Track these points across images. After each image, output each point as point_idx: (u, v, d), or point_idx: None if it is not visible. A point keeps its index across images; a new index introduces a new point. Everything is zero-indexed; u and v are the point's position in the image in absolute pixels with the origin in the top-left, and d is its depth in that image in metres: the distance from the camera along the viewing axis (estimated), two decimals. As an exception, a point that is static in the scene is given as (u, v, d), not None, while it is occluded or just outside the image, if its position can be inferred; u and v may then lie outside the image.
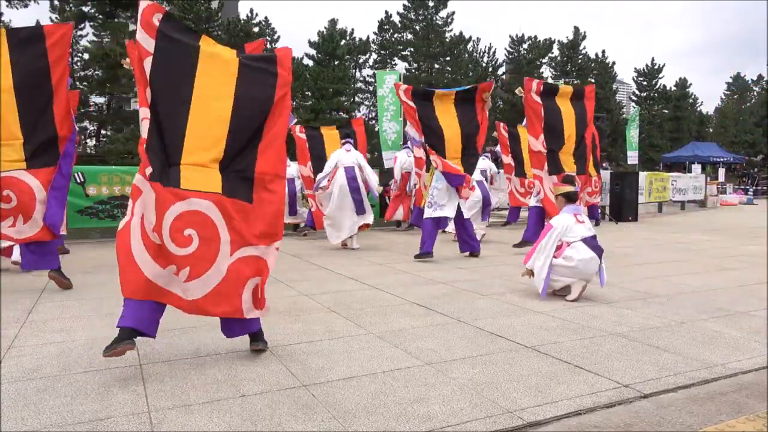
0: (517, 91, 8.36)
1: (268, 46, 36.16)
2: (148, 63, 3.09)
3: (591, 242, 4.95)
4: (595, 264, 4.91)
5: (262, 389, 2.91)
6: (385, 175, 12.20)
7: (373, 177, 8.33)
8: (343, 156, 8.24)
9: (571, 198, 5.19)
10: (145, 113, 3.15)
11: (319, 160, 9.70)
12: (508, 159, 11.88)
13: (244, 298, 3.26)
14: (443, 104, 7.20)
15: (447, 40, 37.19)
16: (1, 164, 5.04)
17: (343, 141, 8.51)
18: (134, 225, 3.12)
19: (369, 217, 8.28)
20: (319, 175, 8.34)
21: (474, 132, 7.30)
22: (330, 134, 10.12)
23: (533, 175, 8.21)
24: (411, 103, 7.05)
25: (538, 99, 7.80)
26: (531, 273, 5.09)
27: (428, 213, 7.38)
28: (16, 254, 6.28)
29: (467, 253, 7.72)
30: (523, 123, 9.07)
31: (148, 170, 3.10)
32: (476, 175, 9.61)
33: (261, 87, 3.30)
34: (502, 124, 12.28)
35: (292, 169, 10.17)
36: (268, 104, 3.29)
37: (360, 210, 8.14)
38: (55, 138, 5.22)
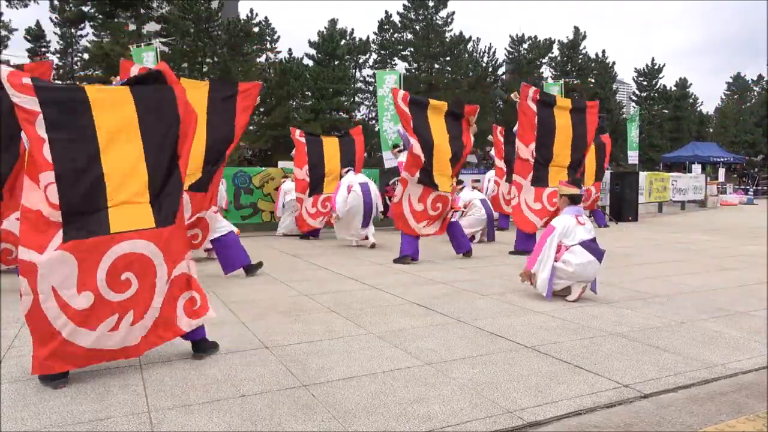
0: (513, 96, 8.33)
1: (269, 45, 36.22)
2: (39, 121, 2.91)
3: (590, 245, 4.93)
4: (594, 267, 4.91)
5: (262, 389, 2.91)
6: (386, 175, 12.21)
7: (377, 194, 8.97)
8: (352, 178, 8.72)
9: (574, 200, 5.19)
10: (47, 178, 2.90)
11: (315, 166, 9.76)
12: (500, 163, 11.78)
13: (179, 315, 3.31)
14: (436, 116, 7.20)
15: (447, 40, 37.17)
16: None
17: (346, 170, 9.03)
18: (43, 301, 2.88)
19: (370, 233, 8.73)
20: (338, 200, 8.55)
21: (459, 152, 7.32)
22: (329, 141, 10.15)
23: (513, 181, 8.14)
24: (407, 112, 7.03)
25: (533, 107, 7.76)
26: (531, 279, 5.08)
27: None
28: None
29: (461, 255, 7.70)
30: (514, 128, 9.02)
31: (56, 241, 2.88)
32: (478, 194, 9.73)
33: (163, 112, 3.27)
34: (499, 128, 12.24)
35: (289, 185, 10.28)
36: (175, 127, 3.27)
37: (365, 224, 8.57)
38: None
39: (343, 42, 35.50)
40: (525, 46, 40.69)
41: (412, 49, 36.98)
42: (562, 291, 5.00)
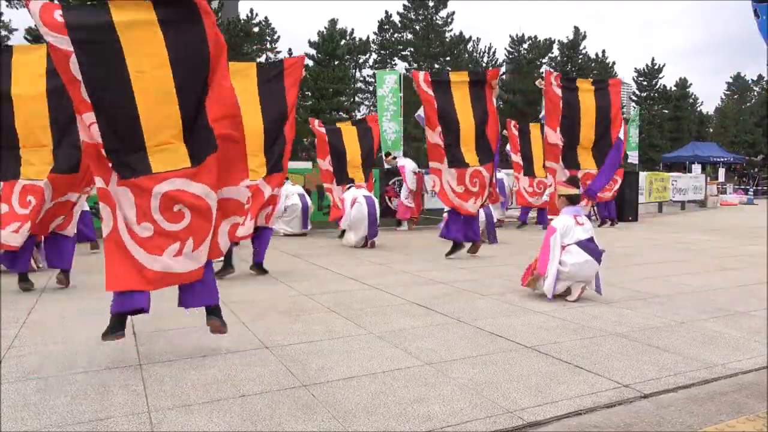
0: (537, 83, 8.41)
1: (269, 46, 36.22)
2: (73, 61, 2.95)
3: (587, 245, 4.93)
4: (592, 267, 4.90)
5: (262, 389, 2.91)
6: (386, 176, 12.19)
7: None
8: (355, 191, 8.99)
9: (572, 200, 5.19)
10: (89, 118, 3.03)
11: (338, 155, 9.78)
12: (517, 158, 11.82)
13: (221, 243, 3.44)
14: (459, 91, 7.26)
15: (447, 40, 37.18)
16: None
17: (347, 186, 9.32)
18: (121, 229, 3.16)
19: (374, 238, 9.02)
20: (344, 216, 8.93)
21: (484, 121, 7.38)
22: (347, 129, 10.15)
23: (547, 168, 8.23)
24: (430, 92, 7.10)
25: (558, 92, 7.83)
26: (534, 283, 5.07)
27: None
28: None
29: (469, 246, 7.72)
30: (540, 115, 9.11)
31: (114, 177, 3.11)
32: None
33: (193, 45, 3.17)
34: (513, 122, 12.23)
35: (298, 188, 10.32)
36: (206, 62, 3.20)
37: (372, 233, 8.78)
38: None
39: (343, 42, 35.50)
40: (525, 46, 40.69)
41: (412, 49, 36.98)
42: (563, 292, 5.00)
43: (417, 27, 37.23)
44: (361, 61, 37.72)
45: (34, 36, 30.96)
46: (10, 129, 5.20)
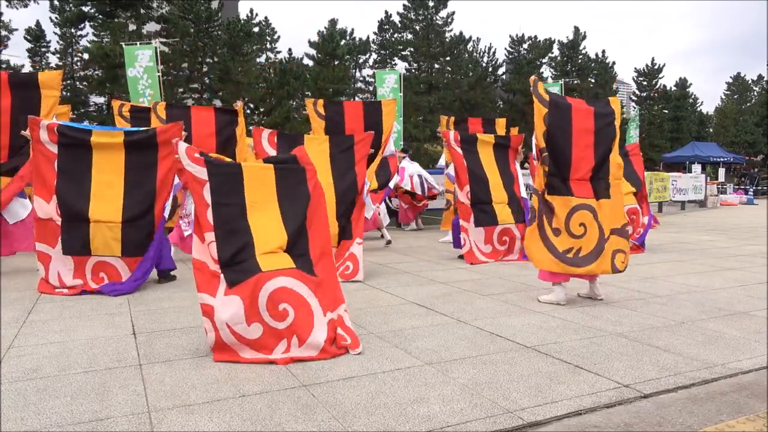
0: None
1: (269, 45, 36.19)
2: (206, 189, 3.60)
3: None
4: None
5: (262, 389, 2.91)
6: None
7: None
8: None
9: None
10: (209, 237, 3.54)
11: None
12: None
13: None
14: (485, 150, 7.51)
15: (447, 40, 37.14)
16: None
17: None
18: (225, 336, 3.37)
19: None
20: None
21: (510, 180, 7.59)
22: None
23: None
24: (459, 150, 7.32)
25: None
26: None
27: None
28: None
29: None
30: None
31: (222, 287, 3.42)
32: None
33: (298, 189, 3.84)
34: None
35: None
36: (305, 199, 3.83)
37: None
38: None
39: (343, 42, 35.47)
40: (525, 46, 40.65)
41: (412, 49, 36.95)
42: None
43: (417, 27, 37.19)
44: (361, 61, 37.71)
45: (34, 36, 30.95)
46: (83, 206, 5.41)
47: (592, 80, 40.42)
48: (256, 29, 33.22)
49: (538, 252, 4.86)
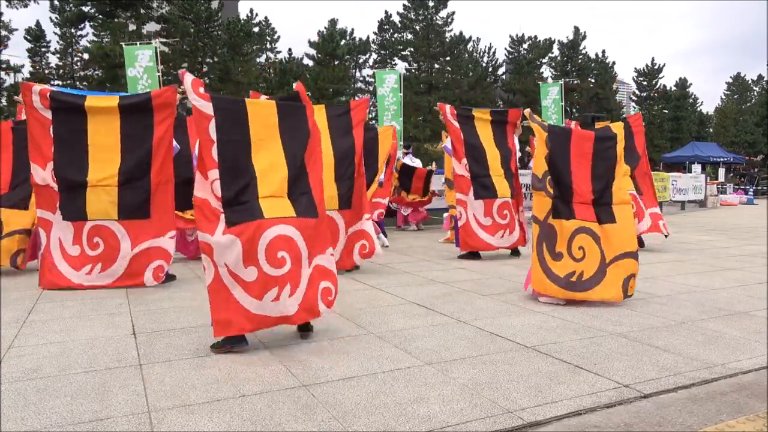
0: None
1: (269, 45, 36.19)
2: (212, 125, 3.54)
3: None
4: None
5: (262, 389, 2.91)
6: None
7: None
8: None
9: None
10: (213, 175, 3.51)
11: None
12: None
13: (318, 300, 3.70)
14: (482, 126, 7.43)
15: (447, 40, 37.14)
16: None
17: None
18: (224, 275, 3.42)
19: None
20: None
21: (508, 155, 7.52)
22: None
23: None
24: (456, 124, 7.26)
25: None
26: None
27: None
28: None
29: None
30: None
31: (221, 226, 3.42)
32: None
33: (299, 122, 3.87)
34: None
35: None
36: (307, 134, 3.87)
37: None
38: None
39: (343, 42, 35.48)
40: (525, 46, 40.67)
41: (412, 49, 36.95)
42: None
43: (417, 27, 37.20)
44: (361, 61, 37.72)
45: (34, 36, 30.96)
46: (80, 171, 5.39)
47: (592, 80, 40.44)
48: (256, 29, 33.24)
49: (538, 279, 4.84)
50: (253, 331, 3.51)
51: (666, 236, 8.42)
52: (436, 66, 37.22)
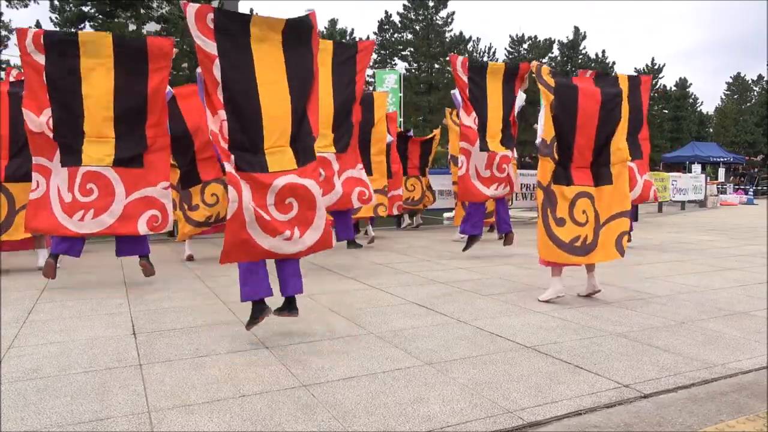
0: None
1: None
2: (216, 65, 3.45)
3: None
4: None
5: (262, 389, 2.91)
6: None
7: None
8: None
9: None
10: (221, 115, 3.49)
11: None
12: None
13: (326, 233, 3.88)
14: (493, 82, 7.31)
15: (447, 40, 37.18)
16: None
17: None
18: (246, 206, 3.47)
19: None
20: None
21: (509, 113, 7.44)
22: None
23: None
24: (465, 79, 7.16)
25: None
26: None
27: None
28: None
29: (501, 235, 7.81)
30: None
31: (229, 165, 3.49)
32: None
33: (304, 65, 3.78)
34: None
35: None
36: (311, 81, 3.79)
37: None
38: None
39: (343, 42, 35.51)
40: (525, 46, 40.71)
41: (412, 49, 36.98)
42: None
43: (417, 27, 37.23)
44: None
45: (34, 36, 30.94)
46: (76, 120, 5.32)
47: (592, 80, 40.39)
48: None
49: (543, 245, 4.84)
50: (258, 259, 3.68)
51: (654, 202, 8.49)
52: (436, 66, 37.25)
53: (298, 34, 3.75)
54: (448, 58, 7.51)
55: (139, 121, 5.47)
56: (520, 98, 7.74)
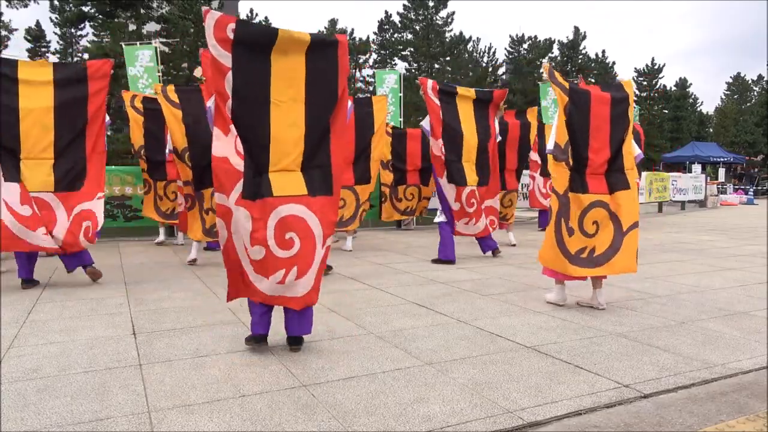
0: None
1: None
2: (228, 79, 3.22)
3: None
4: None
5: (262, 389, 2.91)
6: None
7: None
8: None
9: None
10: (235, 131, 3.29)
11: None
12: (534, 156, 11.44)
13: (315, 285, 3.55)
14: (464, 105, 7.23)
15: (447, 40, 37.19)
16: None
17: None
18: (236, 242, 3.32)
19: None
20: None
21: (486, 139, 7.36)
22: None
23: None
24: (437, 102, 7.04)
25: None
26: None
27: (439, 218, 7.38)
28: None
29: (489, 253, 7.65)
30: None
31: (234, 194, 3.25)
32: None
33: (327, 84, 3.47)
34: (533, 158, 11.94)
35: None
36: (334, 97, 3.48)
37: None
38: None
39: (343, 42, 35.50)
40: (525, 46, 40.72)
41: (412, 49, 36.99)
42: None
43: (417, 27, 37.23)
44: (361, 61, 37.74)
45: (34, 36, 31.01)
46: (14, 139, 5.29)
47: (593, 80, 40.41)
48: (255, 29, 33.16)
49: (548, 250, 4.74)
50: (261, 301, 3.46)
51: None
52: (436, 66, 37.24)
53: (324, 52, 3.45)
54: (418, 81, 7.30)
55: (79, 144, 5.51)
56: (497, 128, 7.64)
